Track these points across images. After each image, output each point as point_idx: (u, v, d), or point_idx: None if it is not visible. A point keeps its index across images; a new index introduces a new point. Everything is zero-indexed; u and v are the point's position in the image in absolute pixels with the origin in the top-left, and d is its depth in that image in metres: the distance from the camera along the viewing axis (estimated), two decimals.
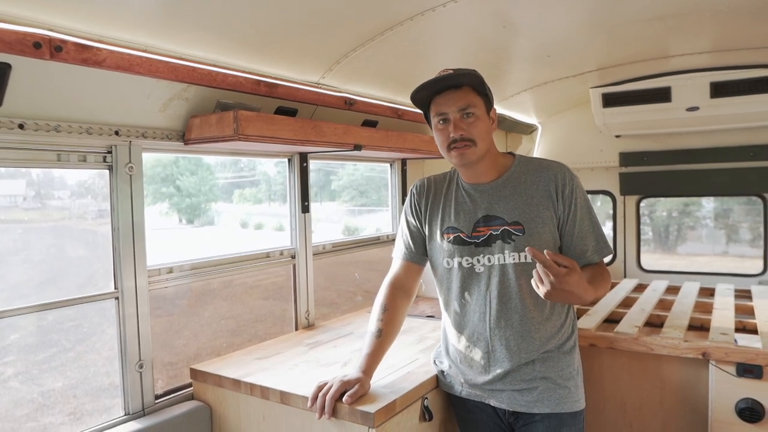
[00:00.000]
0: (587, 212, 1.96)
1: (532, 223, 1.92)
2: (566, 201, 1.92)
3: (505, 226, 1.93)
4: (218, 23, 1.90)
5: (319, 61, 2.42)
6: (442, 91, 1.91)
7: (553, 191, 1.93)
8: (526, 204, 1.93)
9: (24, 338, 4.20)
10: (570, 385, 1.95)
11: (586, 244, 1.94)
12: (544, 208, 1.92)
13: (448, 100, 1.89)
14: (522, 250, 1.91)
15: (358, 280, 8.18)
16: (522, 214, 1.93)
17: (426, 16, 2.17)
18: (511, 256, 1.92)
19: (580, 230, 1.93)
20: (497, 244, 1.94)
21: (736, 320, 2.85)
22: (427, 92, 1.92)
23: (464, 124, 1.88)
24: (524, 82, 3.50)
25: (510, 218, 1.93)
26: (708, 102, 3.41)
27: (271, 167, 15.14)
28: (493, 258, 1.95)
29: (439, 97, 1.92)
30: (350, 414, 1.82)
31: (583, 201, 1.95)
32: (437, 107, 1.92)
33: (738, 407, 2.35)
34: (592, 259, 1.95)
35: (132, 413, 2.14)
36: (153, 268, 2.25)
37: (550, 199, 1.93)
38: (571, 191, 1.92)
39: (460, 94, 1.88)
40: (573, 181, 1.95)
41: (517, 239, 1.92)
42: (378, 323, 2.04)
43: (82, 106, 1.89)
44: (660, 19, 2.49)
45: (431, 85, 1.89)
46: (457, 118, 1.88)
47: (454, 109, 1.88)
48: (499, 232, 1.94)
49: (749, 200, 4.30)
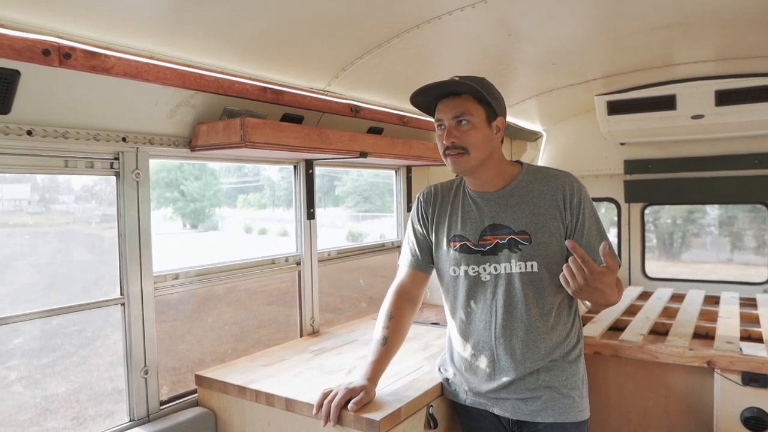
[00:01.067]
0: (595, 223, 1.95)
1: (539, 232, 1.91)
2: (574, 211, 1.92)
3: (512, 235, 1.93)
4: (225, 31, 1.92)
5: (326, 68, 2.43)
6: (444, 97, 1.92)
7: (561, 201, 1.92)
8: (533, 213, 1.93)
9: (27, 342, 4.22)
10: (574, 395, 1.94)
11: (594, 254, 1.94)
12: (551, 218, 1.92)
13: (446, 107, 1.90)
14: (528, 260, 1.91)
15: (363, 287, 8.19)
16: (529, 224, 1.92)
17: (432, 24, 2.17)
18: (517, 266, 1.92)
19: (588, 240, 1.92)
20: (504, 253, 1.94)
21: (742, 329, 2.84)
22: (426, 97, 1.93)
23: (458, 131, 1.88)
24: (529, 89, 3.50)
25: (517, 227, 1.93)
26: (713, 110, 3.41)
27: (275, 172, 15.19)
28: (500, 267, 1.95)
29: (440, 103, 1.93)
30: (355, 421, 1.81)
31: (590, 211, 1.95)
32: (437, 113, 1.94)
33: (743, 416, 2.34)
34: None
35: (137, 419, 2.14)
36: (159, 274, 2.25)
37: (557, 208, 1.92)
38: (579, 201, 1.92)
39: (457, 102, 1.88)
40: (581, 191, 1.94)
41: (523, 248, 1.92)
42: (384, 330, 2.04)
43: (89, 112, 1.90)
44: (665, 27, 2.49)
45: (428, 90, 1.89)
46: (451, 126, 1.89)
47: (450, 116, 1.89)
48: (505, 241, 1.94)
49: (754, 208, 4.29)
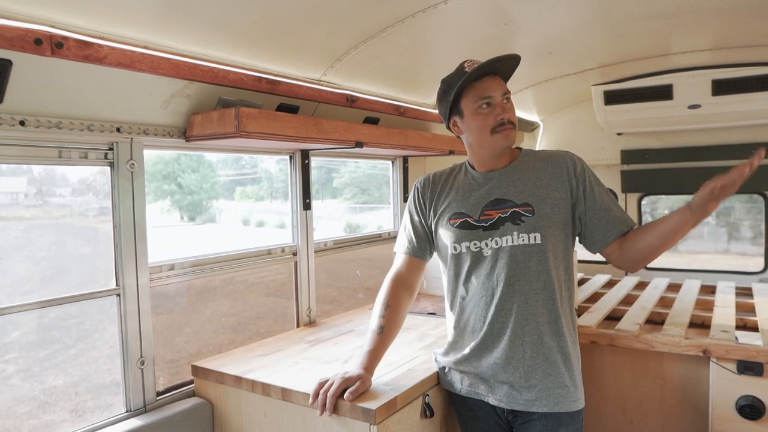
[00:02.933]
0: (603, 188, 2.02)
1: (542, 204, 1.94)
2: (579, 178, 1.97)
3: (515, 208, 1.95)
4: (220, 20, 1.90)
5: (321, 58, 2.42)
6: (481, 77, 1.95)
7: (565, 173, 1.97)
8: (535, 186, 1.96)
9: (26, 335, 4.21)
10: (569, 385, 1.94)
11: (613, 214, 1.98)
12: (553, 190, 1.95)
13: (493, 84, 1.95)
14: (531, 231, 1.93)
15: (360, 278, 8.20)
16: (531, 195, 1.95)
17: (428, 13, 2.17)
18: (520, 237, 1.93)
19: (602, 203, 1.98)
20: (506, 226, 1.95)
21: (737, 318, 2.85)
22: (476, 73, 1.93)
23: (507, 107, 1.96)
24: (526, 79, 3.50)
25: (519, 200, 1.95)
26: (709, 99, 3.40)
27: (273, 164, 15.19)
28: (501, 240, 1.95)
29: (479, 83, 1.95)
30: (351, 411, 1.82)
31: (595, 178, 2.02)
32: (479, 91, 1.95)
33: (738, 404, 2.35)
34: (624, 228, 1.99)
35: (133, 410, 2.15)
36: (154, 265, 2.25)
37: (560, 181, 1.96)
38: (583, 169, 1.99)
39: (499, 80, 1.97)
40: (582, 161, 2.02)
41: (527, 220, 1.93)
42: (380, 320, 2.04)
43: (83, 102, 1.89)
44: (662, 16, 2.49)
45: (488, 65, 1.92)
46: (500, 102, 1.95)
47: (499, 93, 1.94)
48: (507, 214, 1.95)
49: (750, 198, 4.29)
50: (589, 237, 2.01)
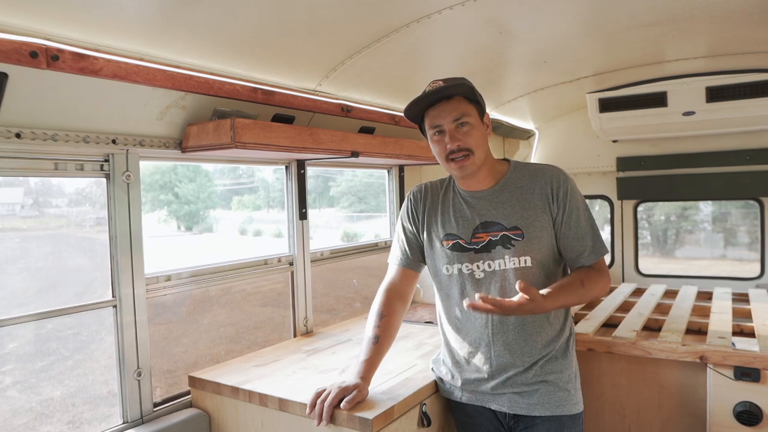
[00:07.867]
0: (583, 213, 1.98)
1: (531, 227, 1.93)
2: (560, 203, 1.94)
3: (504, 232, 1.95)
4: (215, 31, 1.91)
5: (316, 68, 2.43)
6: (434, 103, 1.91)
7: (549, 194, 1.95)
8: (523, 209, 1.95)
9: (22, 347, 4.20)
10: (570, 388, 1.98)
11: (583, 245, 1.96)
12: (541, 212, 1.94)
13: (441, 112, 1.90)
14: (521, 255, 1.93)
15: (357, 286, 8.18)
16: (520, 219, 1.94)
17: (422, 23, 2.18)
18: (511, 261, 1.94)
19: (576, 232, 1.95)
20: (497, 249, 1.95)
21: (734, 324, 2.85)
22: (419, 107, 1.93)
23: (459, 134, 1.89)
24: (521, 87, 3.51)
25: (509, 224, 1.95)
26: (704, 106, 3.42)
27: (270, 174, 15.16)
28: (494, 264, 1.96)
29: (432, 110, 1.93)
30: (348, 420, 1.81)
31: (577, 202, 1.97)
32: (431, 120, 1.93)
33: (736, 410, 2.35)
34: (587, 262, 1.97)
35: (130, 421, 2.14)
36: (151, 276, 2.25)
37: (546, 201, 1.95)
38: (565, 193, 1.94)
39: (452, 105, 1.89)
40: (567, 183, 1.97)
41: (516, 244, 1.93)
42: (375, 329, 2.04)
43: (79, 114, 1.89)
44: (656, 24, 2.50)
45: (423, 100, 1.90)
46: (452, 129, 1.90)
47: (449, 120, 1.89)
48: (498, 237, 1.95)
49: (746, 204, 4.30)
50: (564, 256, 2.03)
